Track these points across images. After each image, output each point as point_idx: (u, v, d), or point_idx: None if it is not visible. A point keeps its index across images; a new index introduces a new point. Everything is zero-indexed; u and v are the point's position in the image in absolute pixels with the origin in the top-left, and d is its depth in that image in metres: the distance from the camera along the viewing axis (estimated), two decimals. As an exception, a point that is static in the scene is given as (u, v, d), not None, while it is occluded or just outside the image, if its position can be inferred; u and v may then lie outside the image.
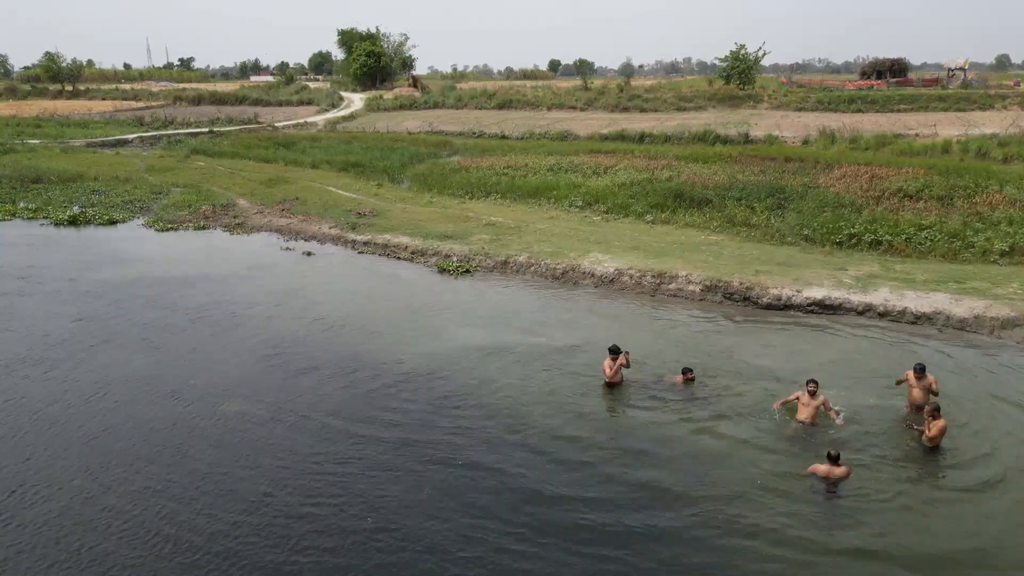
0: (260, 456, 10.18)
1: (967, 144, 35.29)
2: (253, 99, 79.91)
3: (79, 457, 10.20)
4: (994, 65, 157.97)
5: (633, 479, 9.57)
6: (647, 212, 24.13)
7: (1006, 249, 18.39)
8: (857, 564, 8.03)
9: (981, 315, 14.62)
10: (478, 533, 8.52)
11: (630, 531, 8.54)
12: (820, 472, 9.37)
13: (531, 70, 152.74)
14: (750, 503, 9.06)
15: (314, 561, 8.09)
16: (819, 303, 15.80)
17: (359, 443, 10.48)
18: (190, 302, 16.87)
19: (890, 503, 9.05)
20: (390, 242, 21.97)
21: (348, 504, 9.06)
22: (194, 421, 11.22)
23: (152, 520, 8.78)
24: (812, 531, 8.52)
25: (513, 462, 9.95)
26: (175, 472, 9.79)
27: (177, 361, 13.55)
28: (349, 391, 12.24)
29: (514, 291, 17.69)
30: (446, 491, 9.33)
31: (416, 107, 68.72)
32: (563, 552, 8.19)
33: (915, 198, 23.63)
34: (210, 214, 26.59)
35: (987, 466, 9.79)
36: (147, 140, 52.00)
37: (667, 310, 16.18)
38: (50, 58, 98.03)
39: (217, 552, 8.22)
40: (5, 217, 26.55)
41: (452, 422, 11.11)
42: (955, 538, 8.41)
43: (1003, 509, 8.90)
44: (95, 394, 12.14)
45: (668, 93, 63.38)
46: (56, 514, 8.89)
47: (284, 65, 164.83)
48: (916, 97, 54.37)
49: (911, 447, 10.26)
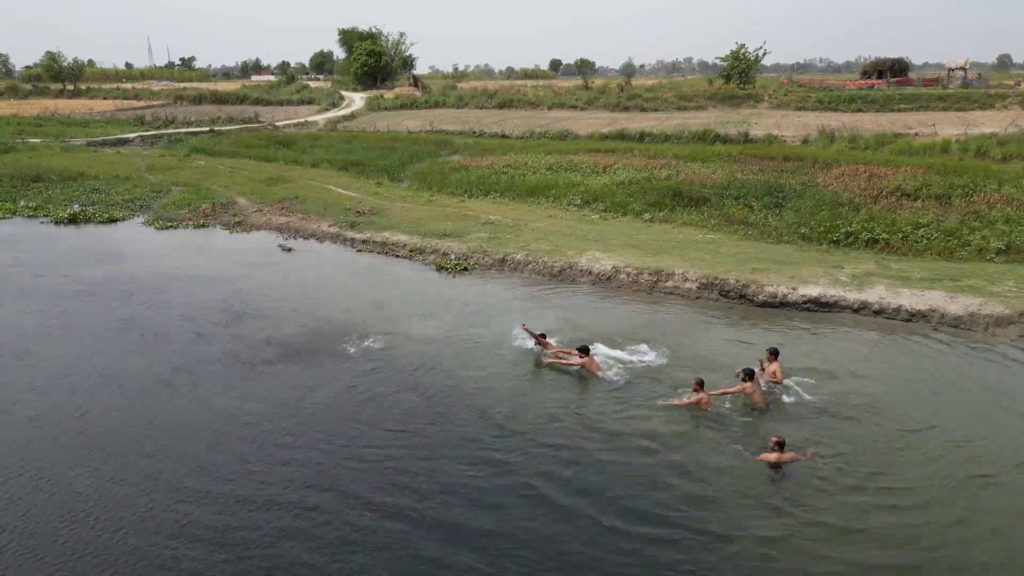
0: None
1: (966, 143, 35.30)
2: (254, 98, 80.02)
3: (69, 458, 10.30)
4: (995, 65, 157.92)
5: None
6: (645, 210, 24.18)
7: (1002, 247, 18.43)
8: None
9: (976, 313, 14.66)
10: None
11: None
12: (771, 459, 9.77)
13: (532, 70, 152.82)
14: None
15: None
16: (814, 300, 15.86)
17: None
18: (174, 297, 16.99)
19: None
20: (389, 240, 22.03)
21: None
22: (176, 417, 11.33)
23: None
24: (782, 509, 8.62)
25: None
26: (172, 463, 9.91)
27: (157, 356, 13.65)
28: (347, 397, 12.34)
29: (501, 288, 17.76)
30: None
31: (417, 106, 68.81)
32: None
33: (913, 197, 23.67)
34: (210, 212, 26.68)
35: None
36: (148, 139, 52.08)
37: (659, 305, 16.25)
38: (51, 57, 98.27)
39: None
40: (5, 215, 26.65)
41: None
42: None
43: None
44: (99, 393, 12.24)
45: (668, 93, 63.45)
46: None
47: (285, 65, 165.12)
48: (916, 97, 54.41)
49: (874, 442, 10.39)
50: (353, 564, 8.03)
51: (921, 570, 7.92)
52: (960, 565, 7.97)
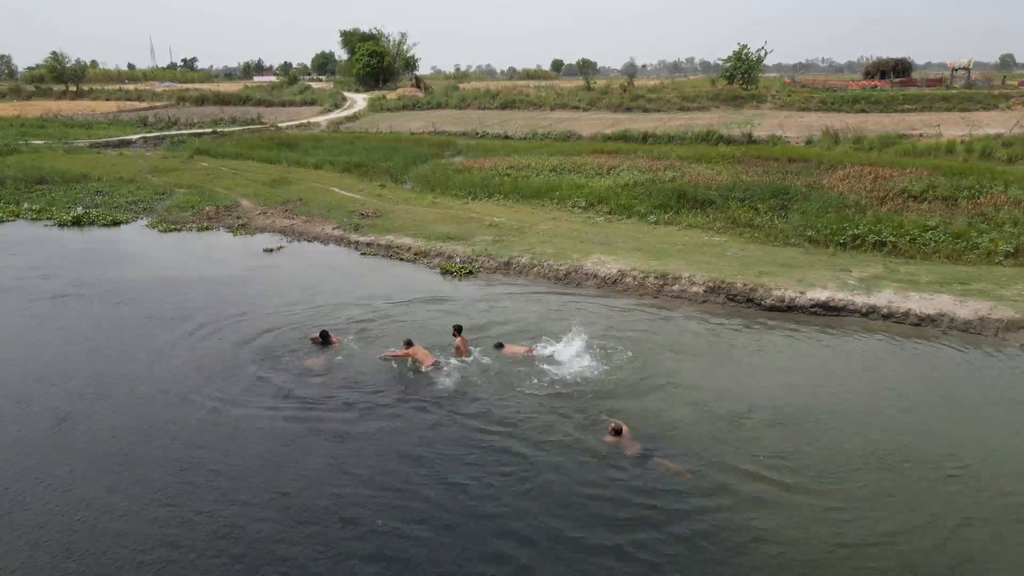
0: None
1: (971, 144, 35.19)
2: (256, 99, 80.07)
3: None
4: (998, 65, 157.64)
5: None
6: (650, 213, 24.09)
7: (1011, 250, 18.31)
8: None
9: (986, 317, 14.56)
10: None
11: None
12: (610, 441, 10.39)
13: (534, 70, 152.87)
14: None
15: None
16: (822, 304, 15.76)
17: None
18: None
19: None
20: (393, 243, 21.95)
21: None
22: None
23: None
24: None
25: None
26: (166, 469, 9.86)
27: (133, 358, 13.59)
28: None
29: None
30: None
31: (419, 107, 68.81)
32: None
33: (919, 199, 23.58)
34: (213, 215, 26.62)
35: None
36: (150, 141, 52.06)
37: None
38: (54, 58, 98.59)
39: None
40: (8, 218, 26.62)
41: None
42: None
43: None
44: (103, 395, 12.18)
45: (671, 93, 63.41)
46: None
47: (287, 65, 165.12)
48: (920, 97, 54.34)
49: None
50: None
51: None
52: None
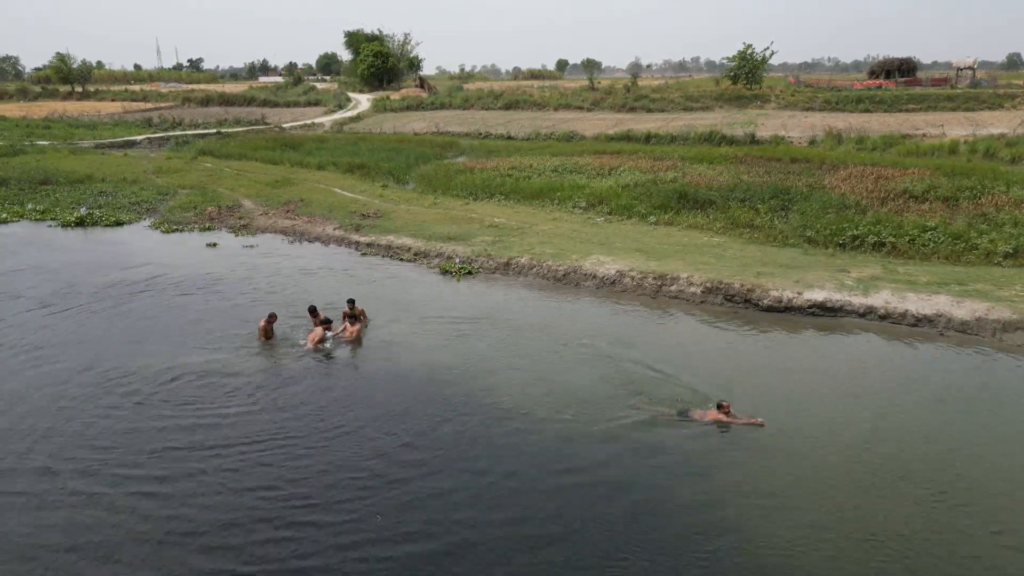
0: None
1: (975, 144, 35.10)
2: (261, 100, 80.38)
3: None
4: (1005, 64, 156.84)
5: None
6: (650, 213, 24.10)
7: (1010, 251, 18.26)
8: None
9: (983, 318, 14.54)
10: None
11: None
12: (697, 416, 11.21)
13: (539, 70, 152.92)
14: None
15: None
16: (819, 305, 15.76)
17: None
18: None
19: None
20: (393, 243, 22.04)
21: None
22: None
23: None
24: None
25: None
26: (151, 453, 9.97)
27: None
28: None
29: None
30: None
31: (423, 108, 68.94)
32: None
33: (921, 199, 23.53)
34: (216, 215, 26.75)
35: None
36: (155, 141, 52.32)
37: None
38: (61, 59, 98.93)
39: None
40: (13, 218, 26.81)
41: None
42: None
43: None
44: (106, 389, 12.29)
45: (675, 93, 63.35)
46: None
47: (292, 66, 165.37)
48: (924, 97, 54.16)
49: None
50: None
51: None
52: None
